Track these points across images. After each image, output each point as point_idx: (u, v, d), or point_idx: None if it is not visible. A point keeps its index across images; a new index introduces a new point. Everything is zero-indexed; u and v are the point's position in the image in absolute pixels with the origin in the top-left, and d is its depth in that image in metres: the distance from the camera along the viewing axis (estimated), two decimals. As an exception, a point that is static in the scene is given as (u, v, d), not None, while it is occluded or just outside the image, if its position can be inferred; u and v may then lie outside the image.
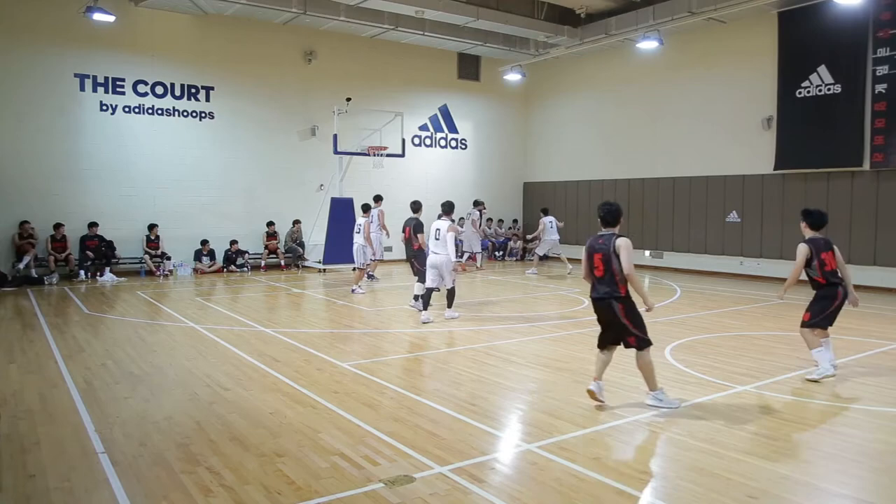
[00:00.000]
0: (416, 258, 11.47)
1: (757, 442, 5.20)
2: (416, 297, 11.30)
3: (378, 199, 15.75)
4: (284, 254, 18.59)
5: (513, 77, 20.85)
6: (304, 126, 19.17)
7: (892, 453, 5.10)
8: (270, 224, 18.45)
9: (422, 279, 11.04)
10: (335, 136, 17.69)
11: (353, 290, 13.85)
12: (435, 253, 10.51)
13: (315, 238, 18.46)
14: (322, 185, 18.88)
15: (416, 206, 11.94)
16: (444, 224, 10.61)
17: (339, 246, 17.70)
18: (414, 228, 11.46)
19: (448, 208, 11.01)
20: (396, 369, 7.62)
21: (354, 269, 14.50)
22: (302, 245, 18.64)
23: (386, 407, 6.06)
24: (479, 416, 5.78)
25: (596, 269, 5.99)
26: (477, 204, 19.92)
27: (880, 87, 14.40)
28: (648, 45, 16.86)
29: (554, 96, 22.60)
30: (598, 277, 5.98)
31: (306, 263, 18.46)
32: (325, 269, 17.77)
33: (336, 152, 17.82)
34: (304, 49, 19.02)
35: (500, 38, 19.59)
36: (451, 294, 10.69)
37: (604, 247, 5.96)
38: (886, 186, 14.51)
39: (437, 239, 10.56)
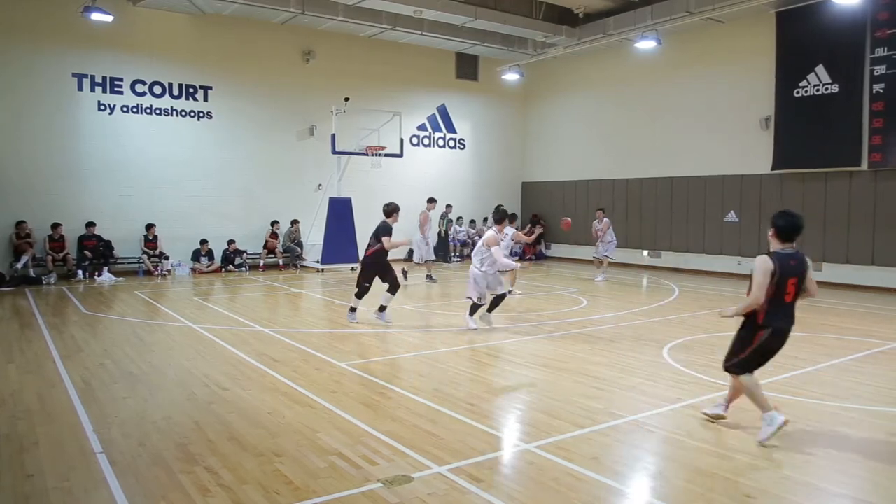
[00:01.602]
0: (364, 265, 10.38)
1: (755, 442, 5.19)
2: (351, 309, 10.26)
3: (429, 200, 16.34)
4: (283, 253, 18.57)
5: (511, 77, 20.85)
6: (302, 126, 19.16)
7: (892, 453, 5.11)
8: (274, 223, 18.44)
9: (362, 292, 10.12)
10: (333, 136, 17.68)
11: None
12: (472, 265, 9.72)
13: (313, 238, 18.45)
14: (320, 184, 18.87)
15: (387, 210, 10.54)
16: (488, 234, 9.75)
17: (337, 246, 17.71)
18: (378, 231, 10.15)
19: (498, 216, 10.15)
20: (395, 369, 7.62)
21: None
22: (300, 245, 18.63)
23: (384, 407, 6.06)
24: (477, 416, 5.77)
25: (787, 296, 5.15)
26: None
27: (878, 87, 14.42)
28: (646, 44, 16.86)
29: (552, 96, 22.61)
30: (789, 304, 5.19)
31: (304, 263, 18.44)
32: (323, 269, 17.75)
33: (334, 152, 17.81)
34: (302, 49, 19.00)
35: (498, 38, 19.60)
36: (494, 301, 9.76)
37: (799, 269, 5.17)
38: (885, 186, 14.52)
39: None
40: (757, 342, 5.25)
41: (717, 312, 5.56)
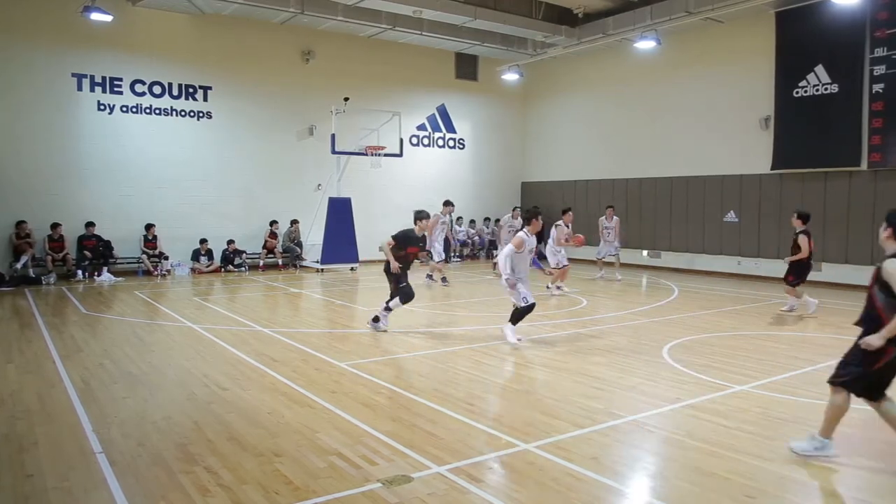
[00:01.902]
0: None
1: (755, 442, 5.20)
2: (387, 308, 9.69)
3: (445, 203, 16.01)
4: (282, 253, 18.57)
5: (511, 77, 20.85)
6: (301, 126, 19.16)
7: (892, 453, 5.11)
8: (273, 223, 18.43)
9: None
10: (333, 136, 17.68)
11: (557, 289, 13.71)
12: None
13: (313, 238, 18.45)
14: (320, 184, 18.86)
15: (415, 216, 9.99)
16: (519, 235, 8.89)
17: (336, 246, 17.72)
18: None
19: (527, 216, 9.15)
20: (394, 369, 7.62)
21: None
22: (300, 245, 18.63)
23: (384, 407, 6.06)
24: (476, 416, 5.77)
25: None
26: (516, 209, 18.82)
27: (878, 87, 14.42)
28: (646, 44, 16.86)
29: (552, 96, 22.61)
30: None
31: (304, 263, 18.44)
32: (322, 269, 17.75)
33: (334, 152, 17.81)
34: (301, 49, 19.01)
35: (497, 38, 19.60)
36: (514, 313, 8.88)
37: None
38: (884, 186, 14.52)
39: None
40: (889, 356, 4.47)
41: (862, 345, 4.51)
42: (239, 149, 18.24)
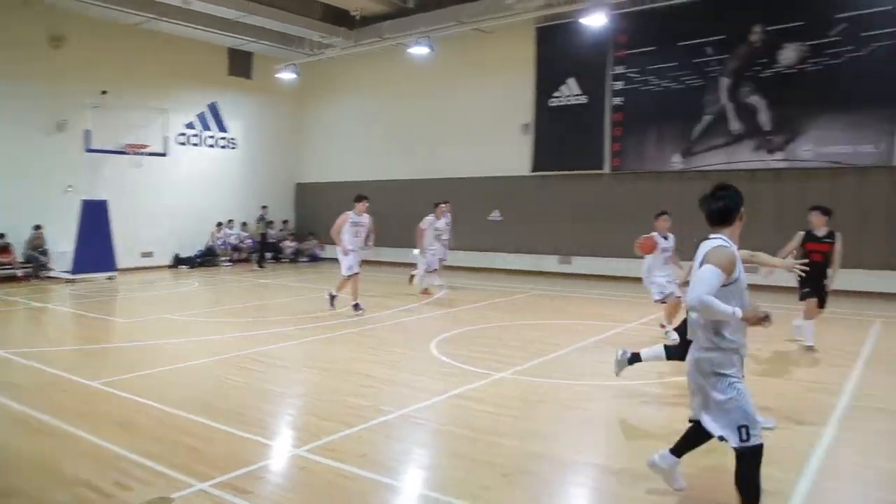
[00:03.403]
0: None
1: (514, 424, 5.58)
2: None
3: (437, 205, 14.23)
4: (22, 264, 16.25)
5: (287, 76, 20.36)
6: (49, 120, 16.94)
7: (623, 421, 5.75)
8: (1, 236, 16.07)
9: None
10: (88, 132, 15.95)
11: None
12: None
13: (62, 245, 16.43)
14: (70, 186, 16.87)
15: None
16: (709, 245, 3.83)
17: (91, 253, 15.96)
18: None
19: (720, 212, 3.98)
20: (157, 383, 7.04)
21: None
22: (44, 253, 16.51)
23: (142, 425, 5.58)
24: (245, 426, 5.54)
25: None
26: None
27: (618, 100, 16.40)
28: (419, 50, 17.35)
29: (329, 96, 22.54)
30: None
31: (51, 273, 16.35)
32: (74, 279, 15.87)
33: (89, 150, 16.07)
34: (49, 33, 16.81)
35: (274, 36, 19.05)
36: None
37: None
38: (623, 188, 16.48)
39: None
40: None
41: None
42: (-34, 143, 15.71)
